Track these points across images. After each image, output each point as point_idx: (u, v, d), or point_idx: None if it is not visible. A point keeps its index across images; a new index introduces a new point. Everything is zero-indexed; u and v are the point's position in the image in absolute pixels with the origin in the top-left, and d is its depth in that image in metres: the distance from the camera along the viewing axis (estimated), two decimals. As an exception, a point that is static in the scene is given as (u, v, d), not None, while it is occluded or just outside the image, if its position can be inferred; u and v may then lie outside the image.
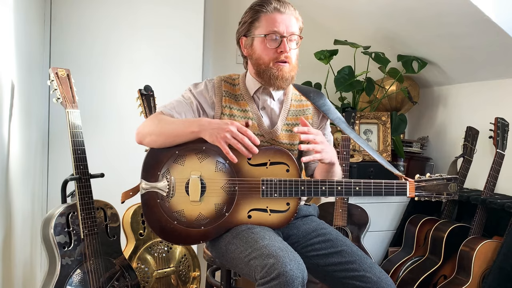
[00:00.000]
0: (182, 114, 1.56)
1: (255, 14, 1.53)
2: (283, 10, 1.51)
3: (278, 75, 1.51)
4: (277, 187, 1.49)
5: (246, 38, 1.57)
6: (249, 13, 1.56)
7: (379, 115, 2.85)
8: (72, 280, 1.79)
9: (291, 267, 1.26)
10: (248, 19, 1.55)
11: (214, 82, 1.60)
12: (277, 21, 1.50)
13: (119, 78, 2.66)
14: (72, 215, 1.82)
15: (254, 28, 1.54)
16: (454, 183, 1.51)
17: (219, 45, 3.01)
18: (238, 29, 1.60)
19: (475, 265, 2.15)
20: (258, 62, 1.54)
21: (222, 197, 1.51)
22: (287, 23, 1.51)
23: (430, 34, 2.56)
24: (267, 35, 1.50)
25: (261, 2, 1.53)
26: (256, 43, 1.54)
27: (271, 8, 1.51)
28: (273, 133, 1.59)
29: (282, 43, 1.50)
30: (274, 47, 1.51)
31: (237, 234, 1.47)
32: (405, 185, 1.49)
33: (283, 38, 1.50)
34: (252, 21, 1.54)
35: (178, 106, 1.58)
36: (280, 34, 1.50)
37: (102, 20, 2.62)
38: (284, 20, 1.50)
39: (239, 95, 1.60)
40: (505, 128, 2.32)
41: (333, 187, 1.48)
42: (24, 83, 2.05)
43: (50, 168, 2.58)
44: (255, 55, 1.55)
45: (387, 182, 1.48)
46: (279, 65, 1.51)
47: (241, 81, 1.62)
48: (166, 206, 1.52)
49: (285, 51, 1.50)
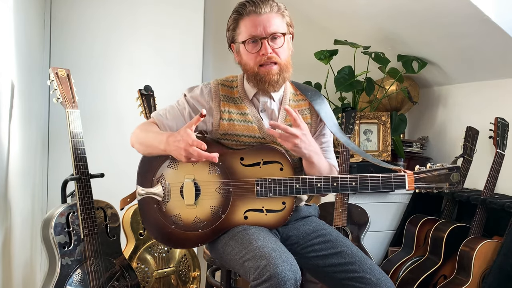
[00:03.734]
0: (173, 121, 1.56)
1: (234, 21, 1.52)
2: (260, 10, 1.47)
3: (265, 79, 1.49)
4: (272, 186, 1.48)
5: (234, 45, 1.56)
6: (230, 20, 1.54)
7: (379, 115, 2.85)
8: (72, 280, 1.79)
9: (283, 268, 1.26)
10: (230, 26, 1.54)
11: (211, 87, 1.59)
12: (253, 25, 1.47)
13: (119, 78, 2.66)
14: (72, 215, 1.82)
15: (237, 35, 1.52)
16: (457, 173, 1.44)
17: (219, 45, 3.01)
18: (227, 36, 1.58)
19: (475, 265, 2.15)
20: (246, 68, 1.53)
21: (217, 199, 1.51)
22: (265, 24, 1.46)
23: (430, 34, 2.56)
24: (245, 41, 1.48)
25: (238, 7, 1.51)
26: (241, 49, 1.52)
27: (246, 12, 1.48)
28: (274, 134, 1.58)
29: (263, 45, 1.47)
30: (255, 51, 1.48)
31: (233, 236, 1.47)
32: (403, 178, 1.45)
33: (263, 39, 1.47)
34: (233, 28, 1.52)
35: (169, 113, 1.58)
36: (259, 37, 1.47)
37: (102, 20, 2.62)
38: (261, 21, 1.46)
39: (237, 98, 1.58)
40: (505, 128, 2.32)
41: (329, 184, 1.46)
42: (24, 83, 2.05)
43: (50, 168, 2.58)
44: (242, 61, 1.54)
45: (384, 176, 1.45)
46: (265, 68, 1.49)
47: (239, 83, 1.61)
48: (163, 211, 1.52)
49: (266, 53, 1.47)
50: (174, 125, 1.57)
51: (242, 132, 1.55)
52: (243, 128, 1.55)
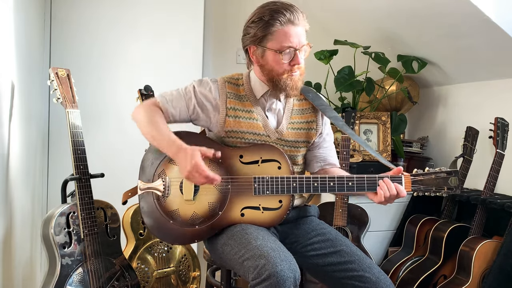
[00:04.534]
0: (177, 109, 1.57)
1: (267, 27, 1.48)
2: (296, 21, 1.48)
3: (291, 85, 1.52)
4: (269, 184, 1.49)
5: (256, 48, 1.53)
6: (260, 24, 1.49)
7: (379, 115, 2.85)
8: (72, 280, 1.79)
9: (282, 267, 1.26)
10: (259, 31, 1.49)
11: (218, 84, 1.60)
12: (291, 35, 1.47)
13: (119, 78, 2.66)
14: (72, 215, 1.82)
15: (267, 40, 1.49)
16: (455, 177, 1.45)
17: (219, 45, 3.01)
18: (247, 37, 1.54)
19: (475, 265, 2.15)
20: (271, 74, 1.53)
21: (216, 195, 1.52)
22: (300, 35, 1.49)
23: (430, 34, 2.56)
24: (282, 51, 1.48)
25: (273, 13, 1.47)
26: (269, 55, 1.51)
27: (284, 21, 1.47)
28: (279, 132, 1.59)
29: (295, 56, 1.49)
30: (288, 61, 1.50)
31: (232, 235, 1.47)
32: (400, 180, 1.46)
33: (296, 51, 1.49)
34: (264, 33, 1.49)
35: (175, 100, 1.58)
36: (294, 48, 1.48)
37: (102, 20, 2.62)
38: (297, 33, 1.48)
39: (243, 96, 1.59)
40: (505, 128, 2.32)
41: (325, 183, 1.48)
42: (24, 83, 2.05)
43: (50, 168, 2.58)
44: (267, 66, 1.53)
45: (381, 177, 1.46)
46: (293, 77, 1.52)
47: (246, 81, 1.61)
48: (162, 206, 1.54)
49: (298, 64, 1.50)
50: (177, 114, 1.58)
51: (247, 129, 1.56)
52: (248, 125, 1.57)
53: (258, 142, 1.57)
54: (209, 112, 1.58)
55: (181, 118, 1.59)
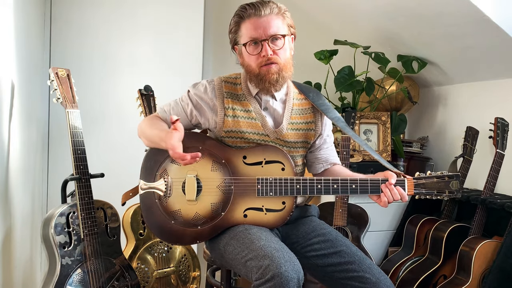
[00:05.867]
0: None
1: (236, 24, 1.54)
2: (260, 13, 1.49)
3: (266, 78, 1.51)
4: (273, 185, 1.49)
5: (237, 47, 1.58)
6: (232, 22, 1.56)
7: (379, 115, 2.85)
8: (72, 280, 1.79)
9: (286, 268, 1.26)
10: (231, 29, 1.56)
11: (215, 84, 1.60)
12: (254, 27, 1.49)
13: (119, 78, 2.66)
14: (72, 215, 1.82)
15: (238, 37, 1.55)
16: (456, 181, 1.47)
17: (219, 45, 3.01)
18: (230, 41, 1.60)
19: (475, 265, 2.15)
20: (248, 69, 1.55)
21: (218, 196, 1.52)
22: (266, 26, 1.48)
23: (430, 34, 2.56)
24: (246, 44, 1.51)
25: (239, 10, 1.53)
26: (243, 51, 1.54)
27: (247, 15, 1.50)
28: (278, 132, 1.59)
29: (263, 47, 1.49)
30: (256, 53, 1.50)
31: (234, 235, 1.47)
32: (403, 183, 1.48)
33: (263, 41, 1.48)
34: (235, 31, 1.55)
35: (173, 110, 1.62)
36: (259, 39, 1.49)
37: (102, 20, 2.62)
38: (262, 23, 1.48)
39: (241, 94, 1.60)
40: (505, 128, 2.32)
41: (329, 185, 1.48)
42: (24, 83, 2.05)
43: (50, 168, 2.58)
44: (245, 63, 1.56)
45: (384, 180, 1.47)
46: (265, 68, 1.51)
47: (243, 80, 1.62)
48: (164, 206, 1.53)
49: (266, 55, 1.49)
50: None
51: (246, 128, 1.56)
52: (247, 124, 1.57)
53: (257, 141, 1.57)
54: (206, 114, 1.59)
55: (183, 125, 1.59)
